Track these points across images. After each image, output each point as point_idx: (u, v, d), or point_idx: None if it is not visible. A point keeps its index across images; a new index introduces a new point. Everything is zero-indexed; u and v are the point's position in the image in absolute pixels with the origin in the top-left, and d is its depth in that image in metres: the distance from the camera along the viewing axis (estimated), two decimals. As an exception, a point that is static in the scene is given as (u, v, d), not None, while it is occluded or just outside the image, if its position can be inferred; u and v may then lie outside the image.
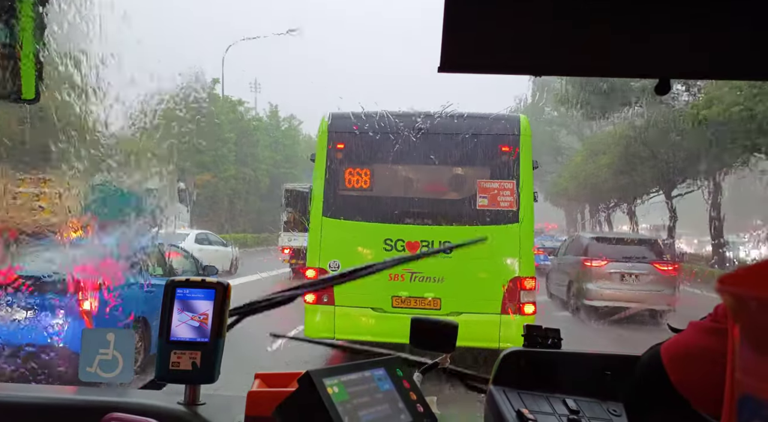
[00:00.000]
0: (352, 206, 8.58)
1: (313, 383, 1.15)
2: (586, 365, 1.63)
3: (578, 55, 1.14)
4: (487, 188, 8.32)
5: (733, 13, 1.05)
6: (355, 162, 8.62)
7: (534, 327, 1.68)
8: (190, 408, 1.69)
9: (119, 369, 1.81)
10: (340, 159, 8.63)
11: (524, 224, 8.24)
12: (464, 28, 1.07)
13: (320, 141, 8.72)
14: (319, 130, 8.83)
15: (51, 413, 1.70)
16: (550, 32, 1.08)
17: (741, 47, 1.09)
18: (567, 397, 1.53)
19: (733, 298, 0.68)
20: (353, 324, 8.25)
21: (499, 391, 1.54)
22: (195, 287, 1.72)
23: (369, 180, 8.63)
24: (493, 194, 8.29)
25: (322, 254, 8.43)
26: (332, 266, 8.29)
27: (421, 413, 1.31)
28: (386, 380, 1.31)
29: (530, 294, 8.21)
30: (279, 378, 1.74)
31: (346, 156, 8.64)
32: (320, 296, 8.28)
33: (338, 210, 8.55)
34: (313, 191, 8.71)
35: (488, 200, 8.29)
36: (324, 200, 8.56)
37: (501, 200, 8.26)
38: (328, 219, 8.51)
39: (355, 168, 8.59)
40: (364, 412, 1.20)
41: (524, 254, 8.25)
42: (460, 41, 1.07)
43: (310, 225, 8.69)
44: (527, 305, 8.13)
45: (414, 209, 8.61)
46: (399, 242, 8.26)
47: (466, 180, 8.87)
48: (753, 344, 0.65)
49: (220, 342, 1.71)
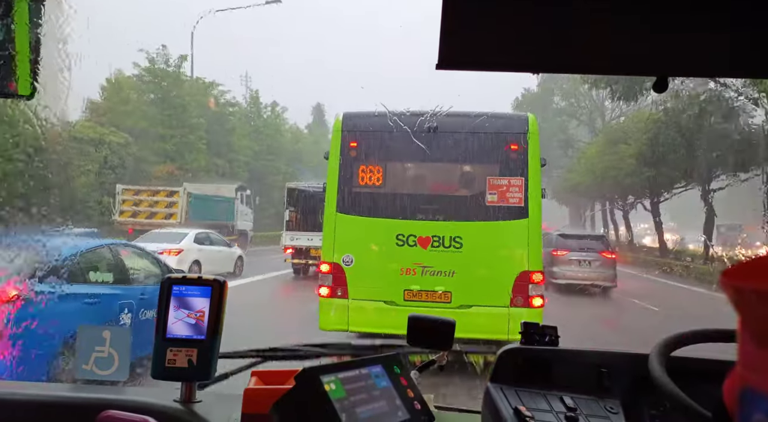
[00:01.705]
0: (365, 203, 8.56)
1: (311, 380, 1.12)
2: (584, 362, 1.58)
3: (576, 52, 1.12)
4: (497, 185, 8.30)
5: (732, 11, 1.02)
6: (368, 160, 8.62)
7: (531, 325, 1.62)
8: (186, 406, 1.64)
9: (115, 366, 1.76)
10: (354, 157, 8.61)
11: (532, 220, 8.22)
12: (462, 25, 1.05)
13: (334, 140, 8.70)
14: (333, 129, 8.85)
15: (47, 410, 1.65)
16: (548, 30, 1.06)
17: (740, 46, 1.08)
18: (564, 394, 1.48)
19: (733, 291, 0.66)
20: (366, 316, 8.25)
21: (496, 388, 1.50)
22: (191, 285, 1.66)
23: (381, 177, 8.62)
24: (502, 190, 8.28)
25: (336, 249, 8.43)
26: (346, 260, 8.33)
27: (418, 410, 1.27)
28: (383, 377, 1.28)
29: (538, 287, 8.18)
30: (276, 375, 1.69)
31: (359, 154, 8.63)
32: (334, 290, 8.32)
33: (352, 206, 8.54)
34: (327, 188, 8.67)
35: (497, 197, 8.28)
36: (338, 196, 8.54)
37: (510, 197, 8.25)
38: (342, 215, 8.50)
39: (368, 166, 8.60)
40: (362, 409, 1.16)
41: (532, 249, 8.22)
42: (458, 39, 1.06)
43: (324, 221, 8.65)
44: (536, 298, 8.12)
45: (425, 205, 8.61)
46: (411, 237, 8.26)
47: (476, 177, 8.83)
48: (753, 336, 0.64)
49: (216, 340, 1.66)
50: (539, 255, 8.37)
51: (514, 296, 8.05)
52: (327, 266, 8.45)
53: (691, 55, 1.14)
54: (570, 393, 1.48)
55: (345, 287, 8.28)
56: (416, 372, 1.73)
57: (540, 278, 8.22)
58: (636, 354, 1.52)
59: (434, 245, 8.21)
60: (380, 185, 8.62)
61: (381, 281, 8.30)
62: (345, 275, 8.31)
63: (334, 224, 8.50)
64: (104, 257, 7.99)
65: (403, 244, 8.24)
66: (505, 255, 8.29)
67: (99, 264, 7.76)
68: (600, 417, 1.43)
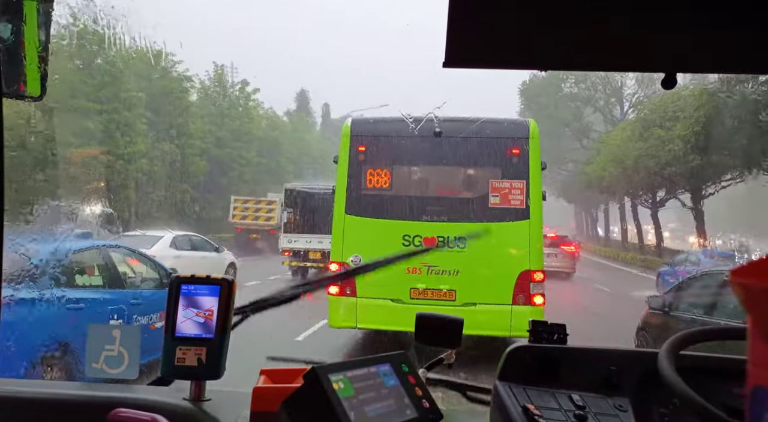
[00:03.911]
0: (373, 205, 8.59)
1: (319, 379, 1.07)
2: (592, 360, 1.51)
3: (584, 49, 1.06)
4: (499, 188, 8.34)
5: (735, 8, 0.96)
6: (375, 164, 8.64)
7: (540, 323, 1.55)
8: (195, 404, 1.58)
9: (125, 365, 1.70)
10: (362, 161, 8.64)
11: (533, 221, 8.25)
12: (469, 23, 1.00)
13: (343, 144, 8.71)
14: (342, 134, 8.85)
15: (57, 409, 1.59)
16: (556, 27, 1.00)
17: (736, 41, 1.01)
18: (573, 392, 1.41)
19: (743, 289, 0.64)
20: (374, 314, 8.29)
21: (504, 386, 1.43)
22: (200, 284, 1.61)
23: (388, 180, 8.65)
24: (504, 193, 8.31)
25: (345, 249, 8.45)
26: (354, 260, 8.32)
27: (426, 409, 1.21)
28: (392, 375, 1.22)
29: (539, 286, 8.20)
30: (285, 374, 1.62)
31: (367, 158, 8.66)
32: (343, 289, 8.36)
33: (360, 208, 8.57)
34: (336, 191, 8.72)
35: (500, 199, 8.31)
36: (347, 198, 8.59)
37: (512, 199, 8.28)
38: (351, 217, 8.53)
39: (376, 169, 8.63)
40: (370, 408, 1.11)
41: (533, 249, 8.25)
42: (465, 36, 1.00)
43: (334, 222, 8.69)
44: (537, 296, 8.14)
45: (430, 207, 8.63)
46: (417, 237, 8.29)
47: (479, 180, 8.85)
48: (763, 335, 0.62)
49: (225, 338, 1.60)
50: (540, 255, 8.41)
51: (516, 294, 8.08)
52: (336, 266, 8.50)
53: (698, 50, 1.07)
54: (579, 391, 1.41)
55: (353, 285, 8.30)
56: (425, 370, 1.67)
57: (541, 277, 8.23)
58: (645, 351, 1.47)
59: (439, 245, 8.24)
60: (387, 188, 8.64)
61: (388, 280, 8.25)
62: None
63: (343, 225, 8.53)
64: (94, 260, 7.37)
65: (409, 244, 8.26)
66: (507, 255, 8.30)
67: (87, 267, 7.19)
68: (609, 416, 1.36)
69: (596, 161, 35.52)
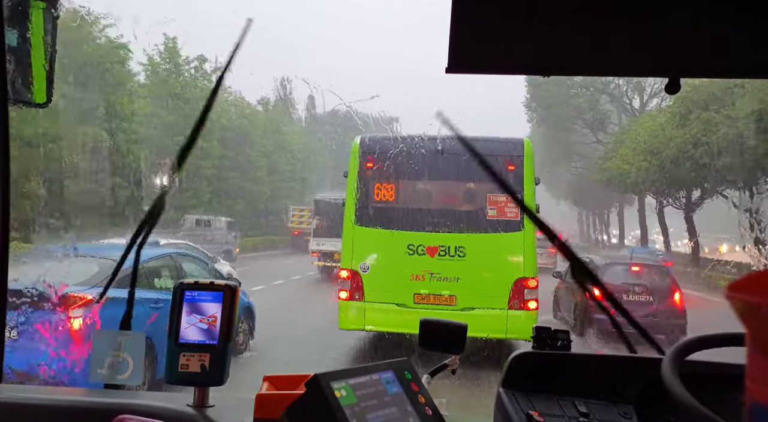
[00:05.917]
0: (380, 216, 8.69)
1: (321, 386, 1.01)
2: (596, 367, 1.41)
3: (587, 54, 1.02)
4: (496, 201, 8.44)
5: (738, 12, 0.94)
6: (382, 178, 8.74)
7: (543, 329, 1.44)
8: (199, 411, 1.49)
9: (129, 371, 1.60)
10: (370, 176, 8.74)
11: (527, 232, 8.32)
12: (471, 30, 0.97)
13: (352, 160, 8.82)
14: (351, 151, 8.96)
15: (61, 415, 1.50)
16: (559, 33, 0.97)
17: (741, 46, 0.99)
18: (577, 399, 1.31)
19: (741, 304, 0.60)
20: (380, 317, 8.38)
21: (508, 394, 1.33)
22: (203, 290, 1.52)
23: (394, 194, 8.78)
24: (500, 206, 8.41)
25: (354, 257, 8.56)
26: (362, 267, 8.46)
27: (429, 416, 1.13)
28: (394, 383, 1.14)
29: (533, 292, 8.30)
30: (287, 381, 1.53)
31: (374, 173, 8.75)
32: (352, 294, 8.48)
33: (368, 219, 8.69)
34: (346, 203, 8.82)
35: (496, 211, 8.44)
36: (356, 210, 8.70)
37: (507, 211, 8.39)
38: (359, 227, 8.64)
39: (383, 183, 8.73)
40: (372, 415, 1.04)
41: (528, 257, 8.35)
42: (468, 43, 0.97)
43: (344, 232, 8.80)
44: (531, 302, 8.24)
45: (433, 219, 8.70)
46: (420, 246, 8.40)
47: (477, 194, 8.93)
48: (761, 350, 0.59)
49: (228, 345, 1.52)
50: (534, 263, 8.47)
51: (512, 299, 8.20)
52: (346, 273, 8.58)
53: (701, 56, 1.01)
54: (583, 398, 1.32)
55: (362, 291, 8.42)
56: (428, 377, 1.59)
57: (534, 284, 8.33)
58: (649, 358, 1.36)
59: (441, 254, 8.35)
60: (393, 201, 8.76)
61: (394, 286, 8.43)
62: (362, 280, 8.44)
63: (352, 235, 8.65)
64: (167, 265, 7.97)
65: (413, 253, 8.37)
66: (503, 263, 8.44)
67: (162, 271, 7.72)
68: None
69: (618, 154, 28.35)
